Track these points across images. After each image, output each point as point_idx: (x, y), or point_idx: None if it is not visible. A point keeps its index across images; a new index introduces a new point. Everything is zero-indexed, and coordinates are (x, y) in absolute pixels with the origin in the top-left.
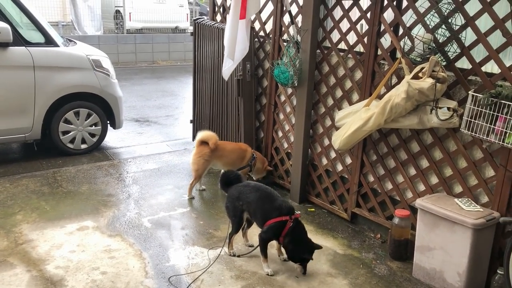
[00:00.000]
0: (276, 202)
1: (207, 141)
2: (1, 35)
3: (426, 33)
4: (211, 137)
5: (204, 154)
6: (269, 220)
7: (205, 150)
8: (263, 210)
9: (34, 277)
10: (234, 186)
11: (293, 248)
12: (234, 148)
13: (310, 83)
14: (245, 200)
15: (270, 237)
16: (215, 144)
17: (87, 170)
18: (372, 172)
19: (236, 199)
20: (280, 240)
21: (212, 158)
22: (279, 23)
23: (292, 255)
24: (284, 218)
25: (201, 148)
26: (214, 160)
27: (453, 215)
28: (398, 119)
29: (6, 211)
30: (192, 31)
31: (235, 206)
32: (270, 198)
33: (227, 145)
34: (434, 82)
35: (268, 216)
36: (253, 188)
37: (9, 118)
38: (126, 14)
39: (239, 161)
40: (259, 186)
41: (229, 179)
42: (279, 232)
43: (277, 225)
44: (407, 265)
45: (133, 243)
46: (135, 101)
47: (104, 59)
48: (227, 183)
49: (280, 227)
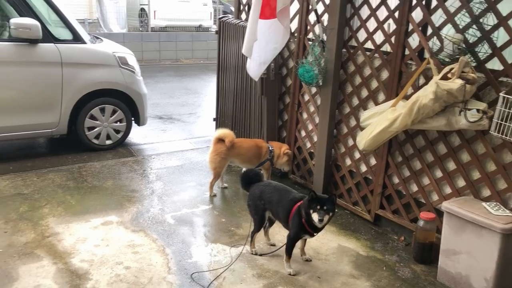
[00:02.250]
0: (290, 195)
1: (224, 139)
2: (31, 32)
3: (456, 33)
4: (227, 135)
5: (220, 152)
6: (290, 215)
7: (222, 148)
8: (284, 208)
9: (60, 269)
10: (255, 185)
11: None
12: (250, 145)
13: (335, 83)
14: (267, 199)
15: (298, 233)
16: (231, 142)
17: (111, 166)
18: (397, 173)
19: (258, 198)
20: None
21: (229, 156)
22: (305, 22)
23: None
24: (298, 204)
25: (217, 146)
26: (231, 157)
27: (481, 219)
28: (426, 120)
29: (33, 204)
30: (217, 30)
31: (257, 205)
32: (287, 195)
33: (244, 143)
34: (464, 83)
35: (288, 212)
36: (274, 188)
37: (37, 113)
38: (150, 12)
39: (257, 158)
40: (280, 185)
41: (249, 178)
42: (301, 221)
43: (296, 216)
44: (431, 268)
45: (156, 238)
46: (158, 99)
47: (129, 57)
48: (248, 182)
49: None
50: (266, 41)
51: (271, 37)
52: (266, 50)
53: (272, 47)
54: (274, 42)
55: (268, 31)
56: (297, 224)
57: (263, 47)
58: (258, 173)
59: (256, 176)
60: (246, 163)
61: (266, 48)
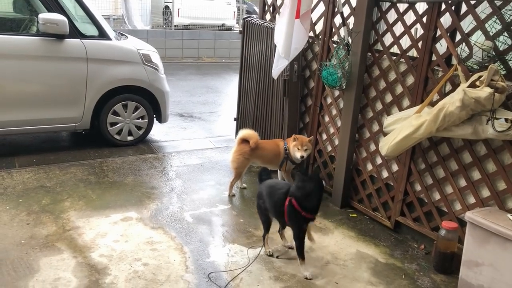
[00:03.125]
0: (281, 188)
1: (248, 140)
2: (58, 27)
3: (486, 40)
4: (252, 136)
5: (244, 152)
6: (284, 209)
7: (246, 149)
8: (276, 203)
9: (79, 263)
10: (262, 183)
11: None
12: (272, 146)
13: (358, 86)
14: (265, 197)
15: (300, 225)
16: (256, 143)
17: (132, 162)
18: (419, 181)
19: (259, 197)
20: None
21: (252, 157)
22: (330, 24)
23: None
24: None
25: (241, 147)
26: (254, 158)
27: (506, 231)
28: (451, 128)
29: (55, 197)
30: (241, 29)
31: (259, 205)
32: (278, 188)
33: (266, 144)
34: (493, 92)
35: (281, 206)
36: (270, 184)
37: (61, 107)
38: (174, 10)
39: (277, 158)
40: (275, 181)
41: (261, 176)
42: (296, 210)
43: (290, 208)
44: (452, 279)
45: (175, 236)
46: (180, 96)
47: (153, 54)
48: (260, 180)
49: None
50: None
51: (294, 37)
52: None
53: (293, 48)
54: (295, 43)
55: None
56: (294, 216)
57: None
58: (267, 170)
59: (266, 173)
60: (267, 163)
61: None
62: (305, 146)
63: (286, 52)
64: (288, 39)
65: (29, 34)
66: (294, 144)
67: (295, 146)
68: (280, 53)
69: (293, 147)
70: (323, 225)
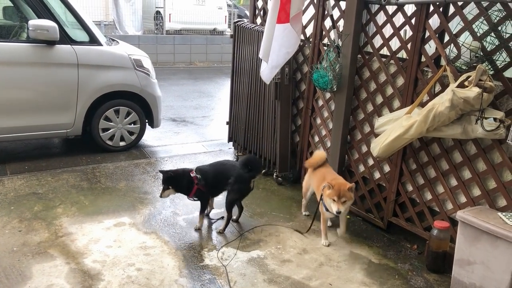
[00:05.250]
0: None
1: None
2: (49, 33)
3: (474, 41)
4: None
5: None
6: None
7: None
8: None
9: (72, 269)
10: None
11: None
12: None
13: (349, 88)
14: None
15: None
16: (310, 164)
17: (124, 167)
18: (411, 181)
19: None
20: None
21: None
22: (320, 27)
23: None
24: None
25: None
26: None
27: (496, 229)
28: (441, 128)
29: (47, 204)
30: (232, 33)
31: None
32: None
33: (320, 173)
34: (481, 92)
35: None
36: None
37: (53, 114)
38: (166, 15)
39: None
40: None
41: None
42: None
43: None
44: (444, 278)
45: (168, 241)
46: (172, 101)
47: (145, 59)
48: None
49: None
50: (279, 45)
51: (285, 41)
52: (278, 54)
53: (284, 51)
54: (287, 47)
55: (282, 35)
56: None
57: (276, 51)
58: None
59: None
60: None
61: (279, 53)
62: (344, 197)
63: (264, 54)
64: (266, 41)
65: (19, 40)
66: (328, 194)
67: (330, 197)
68: (260, 55)
69: (327, 197)
70: (316, 227)
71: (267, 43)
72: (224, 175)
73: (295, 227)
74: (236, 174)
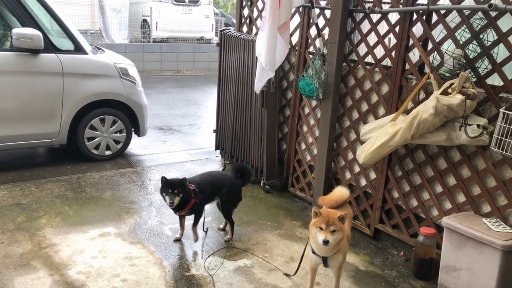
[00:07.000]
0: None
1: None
2: (33, 42)
3: (456, 49)
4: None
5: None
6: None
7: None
8: None
9: (56, 281)
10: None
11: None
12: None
13: (335, 96)
14: None
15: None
16: (323, 200)
17: (110, 177)
18: (397, 188)
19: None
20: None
21: None
22: (306, 35)
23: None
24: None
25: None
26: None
27: (481, 235)
28: (426, 135)
29: (31, 215)
30: (218, 42)
31: None
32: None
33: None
34: (464, 99)
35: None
36: None
37: (37, 123)
38: (153, 23)
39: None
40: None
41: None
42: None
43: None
44: (431, 284)
45: (154, 251)
46: (159, 109)
47: (130, 67)
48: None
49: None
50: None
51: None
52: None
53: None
54: (277, 55)
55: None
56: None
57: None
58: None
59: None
60: None
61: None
62: (333, 226)
63: (271, 63)
64: (271, 50)
65: (2, 49)
66: (314, 222)
67: (316, 225)
68: (264, 65)
69: (313, 226)
70: (303, 235)
71: (270, 50)
72: (216, 187)
73: (283, 235)
74: (229, 184)
